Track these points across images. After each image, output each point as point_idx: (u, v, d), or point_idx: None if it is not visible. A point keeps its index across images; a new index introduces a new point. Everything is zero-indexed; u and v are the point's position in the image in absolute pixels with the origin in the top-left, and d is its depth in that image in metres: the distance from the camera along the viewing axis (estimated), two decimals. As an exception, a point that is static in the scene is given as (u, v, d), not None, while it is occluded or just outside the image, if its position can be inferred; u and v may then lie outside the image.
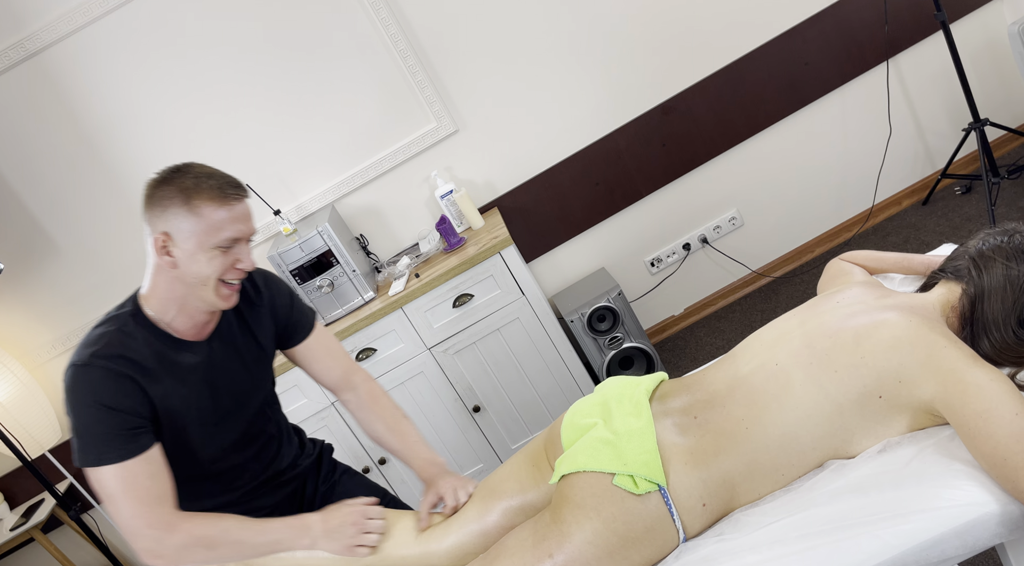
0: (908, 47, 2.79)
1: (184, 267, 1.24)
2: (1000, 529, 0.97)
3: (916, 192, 3.00)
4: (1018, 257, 1.13)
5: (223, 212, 1.23)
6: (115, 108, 2.60)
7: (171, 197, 1.23)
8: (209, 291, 1.27)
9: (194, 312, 1.31)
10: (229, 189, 1.25)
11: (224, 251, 1.25)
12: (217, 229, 1.23)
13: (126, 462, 1.20)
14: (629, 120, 2.79)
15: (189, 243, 1.23)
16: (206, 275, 1.25)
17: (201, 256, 1.23)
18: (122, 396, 1.21)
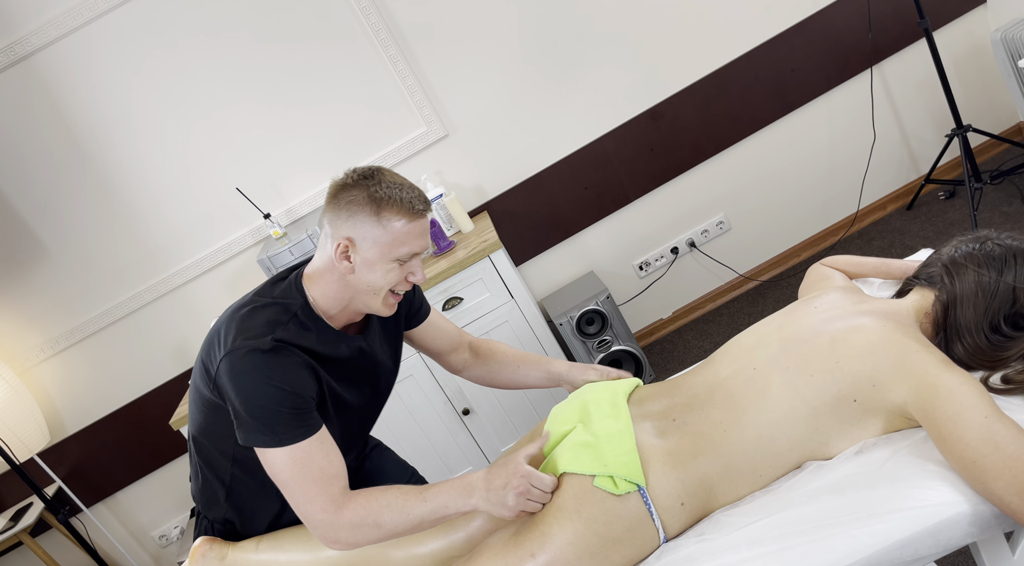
0: (892, 54, 2.83)
1: (360, 274, 1.25)
2: (972, 528, 0.99)
3: (900, 197, 3.03)
4: (989, 264, 1.16)
5: (411, 226, 1.24)
6: (105, 111, 2.60)
7: (360, 204, 1.22)
8: (377, 300, 1.28)
9: (354, 313, 1.33)
10: (419, 204, 1.24)
11: (401, 264, 1.26)
12: (401, 243, 1.24)
13: (302, 442, 1.21)
14: (618, 125, 2.81)
15: (372, 252, 1.23)
16: (380, 286, 1.26)
17: (380, 266, 1.24)
18: (302, 381, 1.22)
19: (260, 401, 1.19)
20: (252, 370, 1.19)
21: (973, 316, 1.14)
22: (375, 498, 1.24)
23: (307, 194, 2.78)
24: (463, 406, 2.62)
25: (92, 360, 2.84)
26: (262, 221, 2.77)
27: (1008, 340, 1.13)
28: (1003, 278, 1.15)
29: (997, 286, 1.14)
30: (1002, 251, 1.18)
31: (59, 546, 3.02)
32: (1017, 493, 0.93)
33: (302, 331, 1.26)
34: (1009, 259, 1.16)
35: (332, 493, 1.22)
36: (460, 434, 2.66)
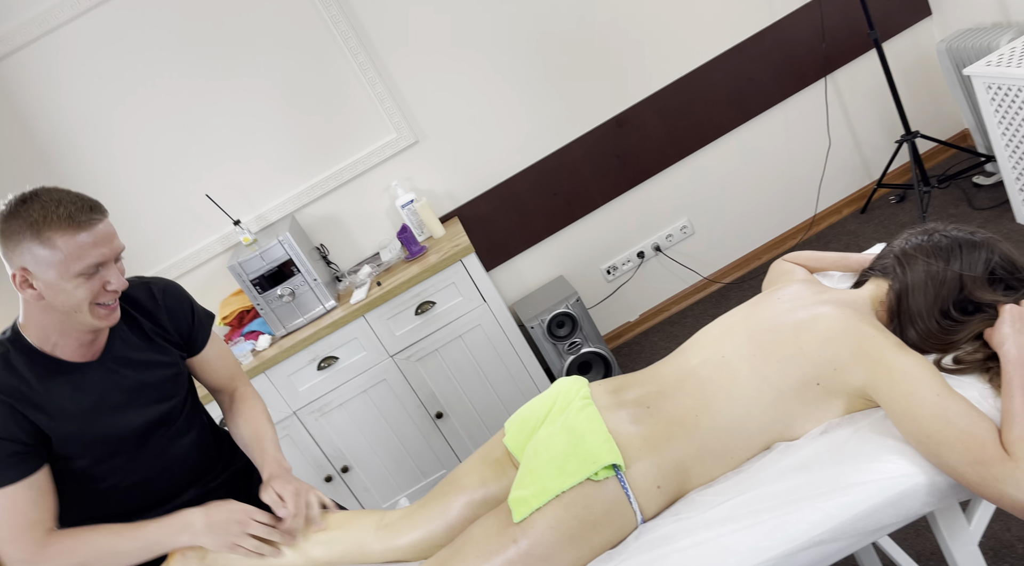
0: (844, 64, 2.95)
1: (51, 298, 1.20)
2: (929, 498, 1.06)
3: (855, 201, 3.15)
4: (938, 254, 1.24)
5: (80, 238, 1.17)
6: (70, 119, 2.59)
7: (21, 231, 1.16)
8: (84, 315, 1.23)
9: (76, 334, 1.27)
10: (81, 215, 1.18)
11: (89, 277, 1.20)
12: (76, 258, 1.17)
13: (6, 488, 1.19)
14: (585, 132, 2.88)
15: (49, 275, 1.18)
16: (75, 302, 1.21)
17: (65, 285, 1.19)
18: (2, 423, 1.19)
19: None
20: None
21: (924, 303, 1.22)
22: (82, 539, 1.24)
23: (277, 200, 2.78)
24: (436, 410, 2.64)
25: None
26: (232, 227, 2.77)
27: (957, 324, 1.20)
28: (950, 267, 1.22)
29: (945, 274, 1.22)
30: (948, 242, 1.25)
31: None
32: (969, 463, 1.00)
33: (8, 372, 1.23)
34: (955, 249, 1.24)
35: (36, 536, 1.21)
36: (433, 438, 2.68)
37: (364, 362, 2.55)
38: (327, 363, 2.52)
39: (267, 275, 2.50)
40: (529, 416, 1.41)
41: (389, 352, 2.56)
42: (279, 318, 2.56)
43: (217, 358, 1.53)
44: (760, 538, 1.07)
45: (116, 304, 1.27)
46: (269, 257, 2.48)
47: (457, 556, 1.24)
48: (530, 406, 1.45)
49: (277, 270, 2.50)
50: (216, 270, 2.81)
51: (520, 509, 1.22)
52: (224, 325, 2.74)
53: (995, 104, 2.32)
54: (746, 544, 1.07)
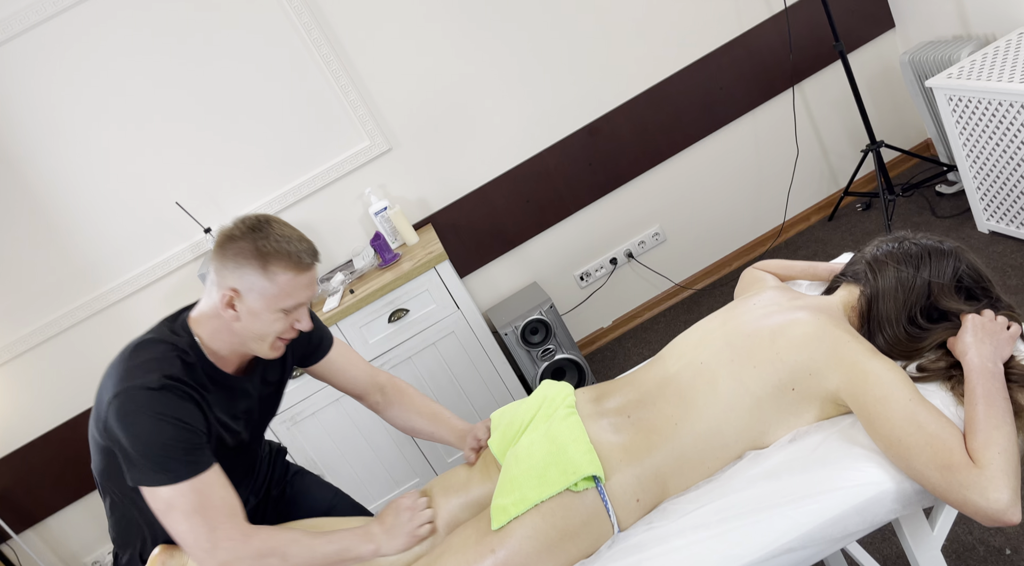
0: (811, 74, 3.01)
1: (245, 322, 1.27)
2: (895, 505, 1.08)
3: (822, 209, 3.21)
4: (907, 261, 1.27)
5: (299, 279, 1.25)
6: (35, 124, 2.54)
7: (247, 256, 1.23)
8: (264, 346, 1.30)
9: (242, 355, 1.35)
10: (306, 258, 1.26)
11: (287, 313, 1.28)
12: (288, 295, 1.25)
13: (200, 475, 1.21)
14: (557, 140, 2.90)
15: (257, 304, 1.25)
16: (265, 333, 1.28)
17: (266, 316, 1.26)
18: (192, 415, 1.23)
19: (153, 438, 1.19)
20: (142, 408, 1.19)
21: (894, 308, 1.25)
22: (281, 534, 1.28)
23: (249, 207, 2.76)
24: (410, 417, 2.63)
25: (21, 381, 2.74)
26: (202, 235, 2.74)
27: (923, 331, 1.23)
28: (920, 274, 1.25)
29: (914, 281, 1.25)
30: (918, 249, 1.29)
31: (-16, 577, 2.88)
32: (936, 468, 1.02)
33: (189, 369, 1.27)
34: (924, 256, 1.27)
35: (238, 523, 1.24)
36: (406, 446, 2.67)
37: (337, 370, 2.53)
38: (300, 372, 2.50)
39: (238, 283, 2.47)
40: (514, 419, 1.42)
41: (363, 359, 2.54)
42: (250, 326, 2.53)
43: (347, 362, 1.59)
44: (731, 546, 1.09)
45: (288, 341, 1.35)
46: (240, 265, 2.45)
47: (435, 564, 1.24)
48: (516, 408, 1.46)
49: (248, 278, 2.47)
50: (186, 278, 2.77)
51: (499, 517, 1.23)
52: (194, 333, 2.71)
53: (956, 115, 2.38)
54: (718, 552, 1.09)
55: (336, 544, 1.31)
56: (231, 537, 1.22)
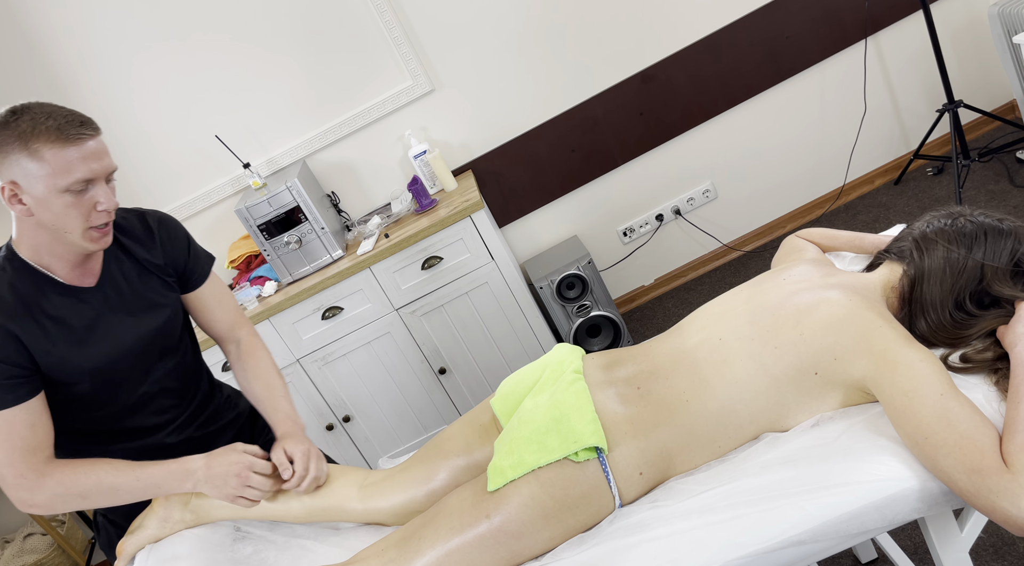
0: (888, 25, 2.78)
1: (40, 214, 1.18)
2: (919, 504, 1.00)
3: (888, 172, 3.01)
4: (960, 240, 1.15)
5: (68, 152, 1.15)
6: (82, 52, 2.54)
7: (11, 142, 1.15)
8: (76, 236, 1.21)
9: (68, 255, 1.25)
10: (70, 129, 1.16)
11: (77, 194, 1.18)
12: (65, 171, 1.15)
13: (3, 412, 1.19)
14: (608, 87, 2.77)
15: (38, 189, 1.16)
16: (66, 223, 1.19)
17: (55, 201, 1.17)
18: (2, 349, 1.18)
19: None
20: None
21: (939, 292, 1.14)
22: (83, 471, 1.24)
23: (288, 145, 2.73)
24: (439, 365, 2.62)
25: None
26: (241, 171, 2.73)
27: (971, 318, 1.12)
28: (972, 255, 1.14)
29: (966, 263, 1.14)
30: (973, 228, 1.17)
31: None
32: (964, 471, 0.93)
33: (6, 292, 1.21)
34: (980, 236, 1.15)
35: (34, 462, 1.21)
36: (436, 393, 2.67)
37: (369, 314, 2.52)
38: (332, 313, 2.50)
39: (274, 221, 2.46)
40: (519, 382, 1.38)
41: (394, 305, 2.53)
42: (285, 265, 2.54)
43: (216, 301, 1.51)
44: (737, 534, 1.03)
45: (109, 227, 1.25)
46: (277, 203, 2.44)
47: (429, 526, 1.22)
48: (523, 371, 1.41)
49: (285, 216, 2.46)
50: (225, 213, 2.78)
51: (496, 478, 1.19)
52: (231, 268, 2.73)
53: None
54: (722, 538, 1.03)
55: (145, 481, 1.28)
56: (23, 475, 1.21)
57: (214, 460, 1.32)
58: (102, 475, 1.26)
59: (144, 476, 1.28)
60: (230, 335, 1.54)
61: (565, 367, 1.32)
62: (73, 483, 1.23)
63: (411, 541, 1.20)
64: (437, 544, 1.17)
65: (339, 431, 2.66)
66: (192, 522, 1.41)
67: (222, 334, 1.54)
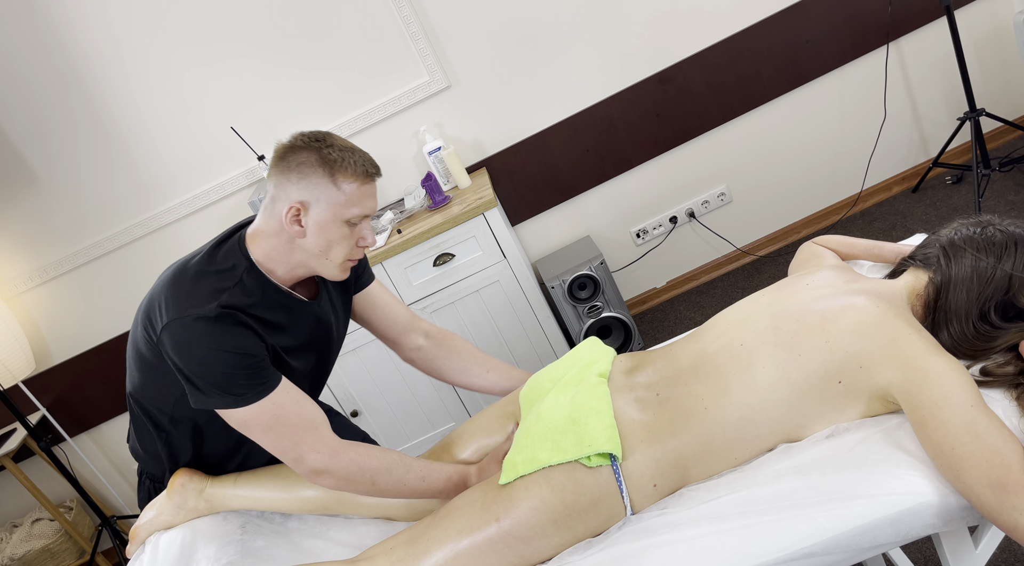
0: (911, 31, 2.75)
1: (311, 237, 1.24)
2: (935, 520, 0.98)
3: (907, 179, 2.98)
4: (988, 249, 1.13)
5: (364, 189, 1.23)
6: (103, 40, 2.54)
7: (312, 165, 1.21)
8: (332, 266, 1.27)
9: (302, 276, 1.31)
10: (371, 169, 1.25)
11: (352, 226, 1.25)
12: (354, 204, 1.23)
13: (268, 396, 1.22)
14: (624, 87, 2.75)
15: (325, 215, 1.22)
16: (334, 250, 1.25)
17: (333, 229, 1.23)
18: (252, 344, 1.21)
19: (213, 368, 1.18)
20: (199, 338, 1.18)
21: (965, 301, 1.11)
22: (376, 457, 1.26)
23: (303, 138, 2.73)
24: (448, 362, 2.61)
25: (81, 291, 2.83)
26: (256, 163, 2.73)
27: (995, 330, 1.10)
28: (1001, 265, 1.12)
29: (994, 272, 1.12)
30: (1003, 237, 1.14)
31: (42, 473, 3.05)
32: (989, 485, 0.91)
33: (247, 296, 1.24)
34: (1009, 246, 1.13)
35: (323, 437, 1.24)
36: (444, 390, 2.66)
37: (379, 309, 2.52)
38: (342, 307, 2.50)
39: (287, 214, 2.46)
40: (546, 377, 1.38)
41: (405, 301, 2.52)
42: (297, 258, 2.53)
43: (390, 296, 1.57)
44: (746, 543, 1.01)
45: (356, 262, 1.32)
46: (290, 196, 2.44)
47: (438, 526, 1.21)
48: (552, 367, 1.41)
49: (297, 210, 2.45)
50: (239, 204, 2.78)
51: (508, 472, 1.19)
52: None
53: (1072, 86, 2.13)
54: (731, 547, 1.02)
55: (429, 484, 1.30)
56: (316, 450, 1.23)
57: (485, 471, 1.35)
58: (392, 464, 1.28)
59: (429, 478, 1.31)
60: (414, 327, 1.57)
61: (592, 369, 1.30)
62: (368, 466, 1.26)
63: (420, 541, 1.19)
64: (446, 545, 1.16)
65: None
66: (206, 511, 1.41)
67: (403, 328, 1.57)
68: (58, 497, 3.09)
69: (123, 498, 3.11)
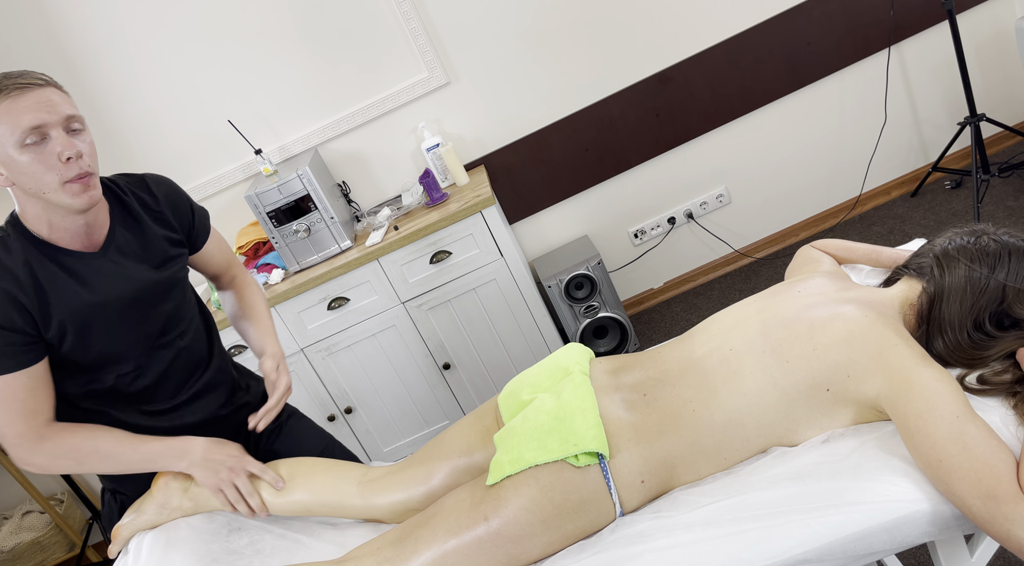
0: (912, 34, 2.74)
1: (16, 179, 1.17)
2: (930, 528, 0.98)
3: (906, 183, 2.97)
4: (982, 259, 1.12)
5: (12, 104, 1.13)
6: (98, 31, 2.53)
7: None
8: (58, 194, 1.18)
9: (66, 223, 1.24)
10: (13, 79, 1.15)
11: (36, 146, 1.15)
12: (13, 123, 1.13)
13: (5, 376, 1.21)
14: (625, 87, 2.74)
15: (4, 153, 1.15)
16: (38, 180, 1.17)
17: (19, 159, 1.15)
18: (3, 313, 1.18)
19: None
20: None
21: (958, 311, 1.11)
22: (83, 437, 1.27)
23: (302, 132, 2.71)
24: (444, 361, 2.61)
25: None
26: (253, 157, 2.71)
27: (990, 339, 1.10)
28: (995, 275, 1.11)
29: (987, 283, 1.11)
30: (997, 247, 1.14)
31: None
32: (979, 496, 0.91)
33: (5, 255, 1.21)
34: (1003, 256, 1.13)
35: (33, 424, 1.24)
36: (439, 388, 2.65)
37: (375, 306, 2.51)
38: (338, 303, 2.49)
39: (284, 209, 2.45)
40: (526, 380, 1.36)
41: (401, 298, 2.51)
42: (293, 253, 2.52)
43: (217, 249, 1.55)
44: (741, 549, 1.01)
45: (88, 180, 1.21)
46: (287, 191, 2.43)
47: (426, 526, 1.20)
48: (531, 370, 1.39)
49: (294, 204, 2.44)
50: (235, 198, 2.77)
51: (495, 473, 1.18)
52: (240, 255, 2.72)
53: (1073, 93, 2.12)
54: (725, 553, 1.01)
55: (142, 454, 1.31)
56: (22, 435, 1.24)
57: (213, 446, 1.35)
58: (101, 443, 1.29)
59: (142, 448, 1.31)
60: (226, 272, 1.59)
61: (573, 368, 1.30)
62: (71, 448, 1.26)
63: (407, 541, 1.18)
64: (434, 545, 1.15)
65: (340, 422, 2.65)
66: (190, 510, 1.40)
67: (218, 271, 1.57)
68: (49, 490, 3.07)
69: (115, 492, 3.10)
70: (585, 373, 1.28)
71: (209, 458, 1.33)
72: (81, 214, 1.23)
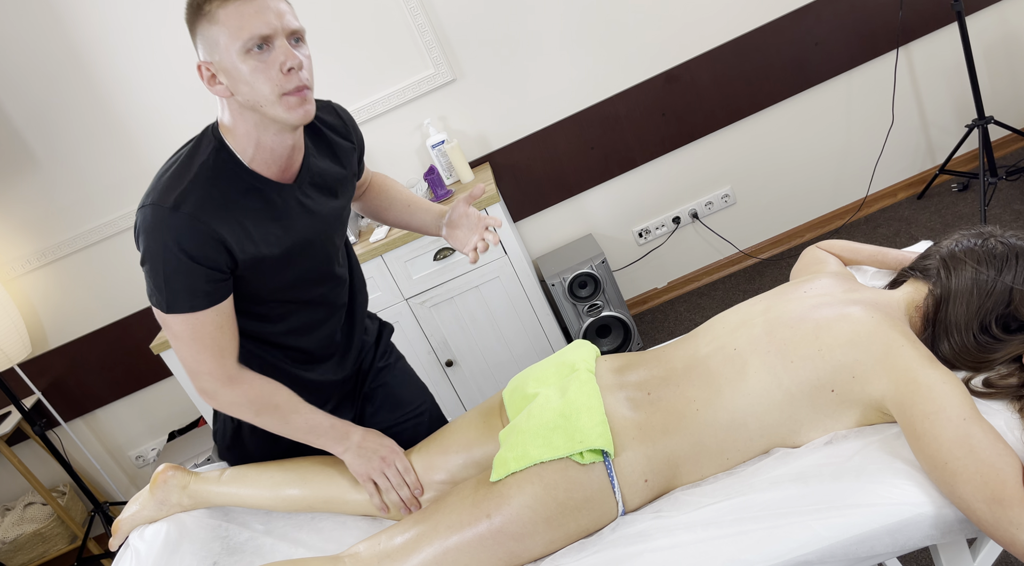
0: (921, 36, 2.73)
1: (235, 88, 1.14)
2: (933, 531, 0.97)
3: (912, 185, 2.96)
4: (989, 262, 1.11)
5: (241, 8, 1.11)
6: (106, 23, 2.53)
7: (193, 20, 1.14)
8: (275, 107, 1.14)
9: (275, 143, 1.20)
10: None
11: (260, 54, 1.12)
12: (239, 28, 1.11)
13: (197, 312, 1.19)
14: (631, 85, 2.73)
15: (226, 59, 1.12)
16: (257, 90, 1.13)
17: (241, 67, 1.12)
18: (204, 248, 1.15)
19: (158, 265, 1.15)
20: (152, 229, 1.14)
21: (964, 314, 1.10)
22: (267, 390, 1.27)
23: (307, 128, 2.71)
24: (447, 358, 2.60)
25: (79, 276, 2.82)
26: (259, 152, 2.71)
27: (996, 342, 1.09)
28: (1001, 277, 1.10)
29: (994, 285, 1.10)
30: (1004, 249, 1.13)
31: (35, 457, 3.04)
32: (984, 500, 0.90)
33: (211, 185, 1.16)
34: (1010, 258, 1.12)
35: (223, 364, 1.24)
36: (442, 385, 2.65)
37: (378, 302, 2.51)
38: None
39: (288, 204, 2.44)
40: (531, 376, 1.36)
41: (404, 295, 2.51)
42: (297, 249, 2.52)
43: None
44: (742, 550, 1.00)
45: (305, 94, 1.17)
46: (291, 186, 2.42)
47: (428, 522, 1.20)
48: (537, 366, 1.39)
49: (299, 200, 2.44)
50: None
51: (499, 469, 1.18)
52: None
53: (1082, 96, 2.11)
54: (726, 554, 1.01)
55: (312, 424, 1.30)
56: (212, 374, 1.23)
57: (370, 436, 1.36)
58: (282, 401, 1.28)
59: (312, 421, 1.31)
60: (365, 180, 1.57)
61: (579, 365, 1.29)
62: (256, 396, 1.26)
63: (408, 537, 1.18)
64: (435, 541, 1.15)
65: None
66: (189, 506, 1.40)
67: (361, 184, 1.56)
68: (51, 481, 3.08)
69: (116, 484, 3.10)
70: (591, 371, 1.27)
71: (364, 446, 1.33)
72: (291, 133, 1.20)
